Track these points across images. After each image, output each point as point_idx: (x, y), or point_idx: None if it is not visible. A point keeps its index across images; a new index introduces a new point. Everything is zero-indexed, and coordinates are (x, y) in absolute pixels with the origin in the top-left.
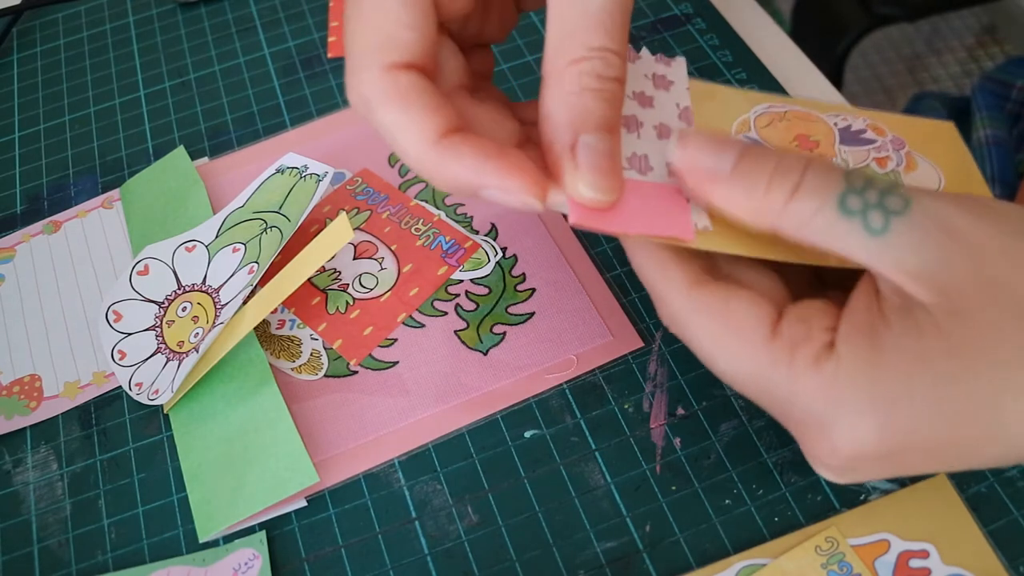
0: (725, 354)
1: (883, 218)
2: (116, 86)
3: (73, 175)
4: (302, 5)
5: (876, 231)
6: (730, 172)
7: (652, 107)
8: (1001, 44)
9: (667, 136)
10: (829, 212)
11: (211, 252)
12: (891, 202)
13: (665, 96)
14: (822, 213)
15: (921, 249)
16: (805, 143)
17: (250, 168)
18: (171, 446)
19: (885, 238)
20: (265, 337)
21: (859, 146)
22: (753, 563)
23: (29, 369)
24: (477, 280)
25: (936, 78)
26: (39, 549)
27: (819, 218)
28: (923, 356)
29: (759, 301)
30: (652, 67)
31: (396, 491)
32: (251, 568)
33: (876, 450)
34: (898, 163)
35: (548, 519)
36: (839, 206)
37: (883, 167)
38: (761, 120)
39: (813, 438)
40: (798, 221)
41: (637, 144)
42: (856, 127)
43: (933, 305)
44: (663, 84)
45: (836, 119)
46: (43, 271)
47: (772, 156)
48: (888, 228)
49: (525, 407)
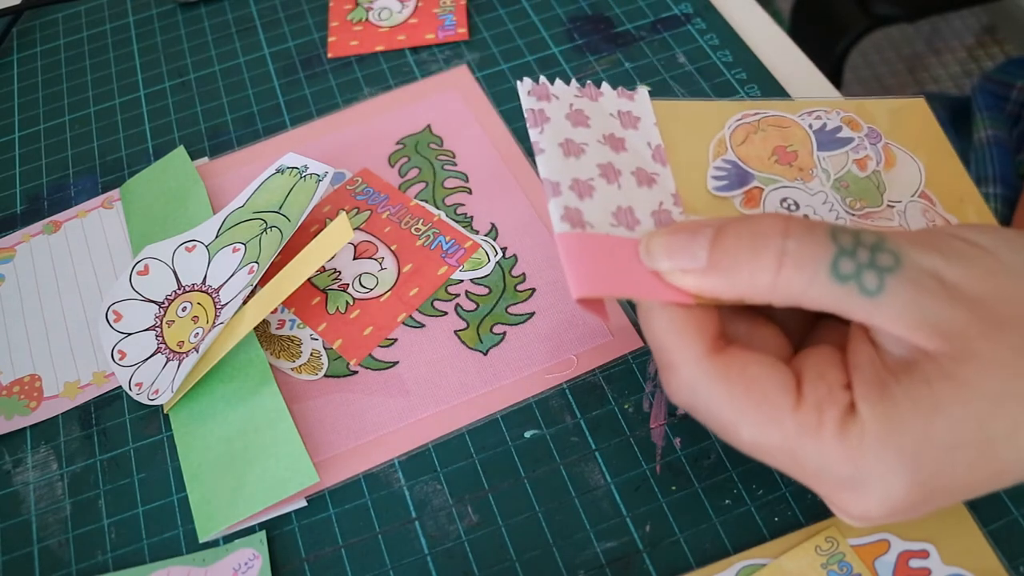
0: (751, 426)
1: (877, 278)
2: (116, 86)
3: (73, 175)
4: (302, 5)
5: (872, 292)
6: (705, 266)
7: (625, 150)
8: (1001, 44)
9: (647, 183)
10: (823, 280)
11: (211, 252)
12: (882, 260)
13: (635, 135)
14: (815, 285)
15: (919, 302)
16: (784, 155)
17: (250, 168)
18: (171, 446)
19: (882, 298)
20: (265, 337)
21: (837, 149)
22: (753, 563)
23: (29, 369)
24: (477, 280)
25: (936, 78)
26: (39, 549)
27: (813, 289)
28: (936, 404)
29: (778, 366)
30: (616, 103)
31: (396, 491)
32: (251, 568)
33: (907, 503)
34: (878, 161)
35: (548, 519)
36: (832, 273)
37: (863, 170)
38: (736, 136)
39: (846, 500)
40: (789, 294)
41: (619, 196)
42: (831, 125)
43: (939, 353)
44: (630, 122)
45: (810, 119)
46: (43, 271)
47: (744, 235)
48: (883, 287)
49: (525, 407)
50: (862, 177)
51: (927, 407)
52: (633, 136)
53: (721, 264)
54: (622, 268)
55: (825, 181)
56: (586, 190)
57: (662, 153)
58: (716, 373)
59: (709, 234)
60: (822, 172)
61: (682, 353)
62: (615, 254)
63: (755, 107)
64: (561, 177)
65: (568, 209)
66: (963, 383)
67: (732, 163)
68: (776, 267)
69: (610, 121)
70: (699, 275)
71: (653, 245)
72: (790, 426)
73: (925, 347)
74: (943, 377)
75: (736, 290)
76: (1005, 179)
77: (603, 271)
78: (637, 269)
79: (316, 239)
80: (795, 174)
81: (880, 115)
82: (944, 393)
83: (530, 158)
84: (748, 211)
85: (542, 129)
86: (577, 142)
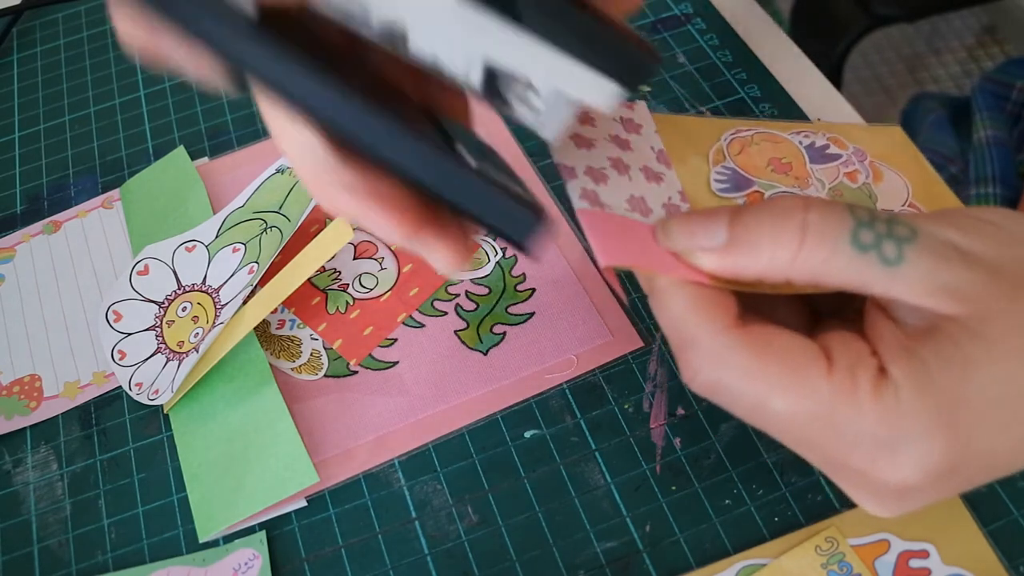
0: (783, 394)
1: (896, 247)
2: (116, 86)
3: (73, 175)
4: None
5: (892, 261)
6: (726, 244)
7: (631, 150)
8: (1001, 44)
9: (655, 180)
10: (844, 251)
11: (211, 252)
12: (899, 231)
13: (638, 139)
14: (837, 254)
15: (939, 269)
16: (779, 166)
17: (250, 168)
18: (171, 446)
19: (902, 267)
20: (265, 337)
21: (828, 163)
22: (753, 563)
23: (29, 369)
24: (477, 280)
25: (936, 78)
26: (39, 549)
27: (835, 260)
28: (966, 361)
29: (802, 337)
30: (618, 111)
31: (396, 491)
32: (251, 568)
33: (946, 464)
34: (866, 176)
35: (548, 519)
36: (852, 243)
37: (854, 181)
38: (733, 147)
39: (882, 468)
40: (812, 267)
41: (631, 186)
42: (819, 144)
43: (964, 316)
44: (633, 128)
45: (798, 137)
46: (43, 271)
47: (765, 212)
48: (902, 256)
49: (525, 407)
50: (854, 188)
51: (958, 365)
52: (637, 139)
53: (742, 240)
54: (642, 246)
55: (821, 189)
56: (600, 176)
57: (665, 156)
58: (742, 342)
59: (728, 212)
60: (817, 181)
61: (704, 327)
62: (634, 233)
63: (747, 124)
64: (576, 163)
65: (585, 190)
66: (992, 341)
67: (731, 169)
68: (799, 240)
69: (614, 124)
70: (720, 254)
71: (671, 225)
72: (825, 391)
73: (947, 312)
74: (971, 337)
75: (757, 266)
76: (1005, 179)
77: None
78: (655, 249)
79: (316, 239)
80: (792, 182)
81: (861, 138)
82: (974, 351)
83: (530, 158)
84: None
85: None
86: (587, 137)
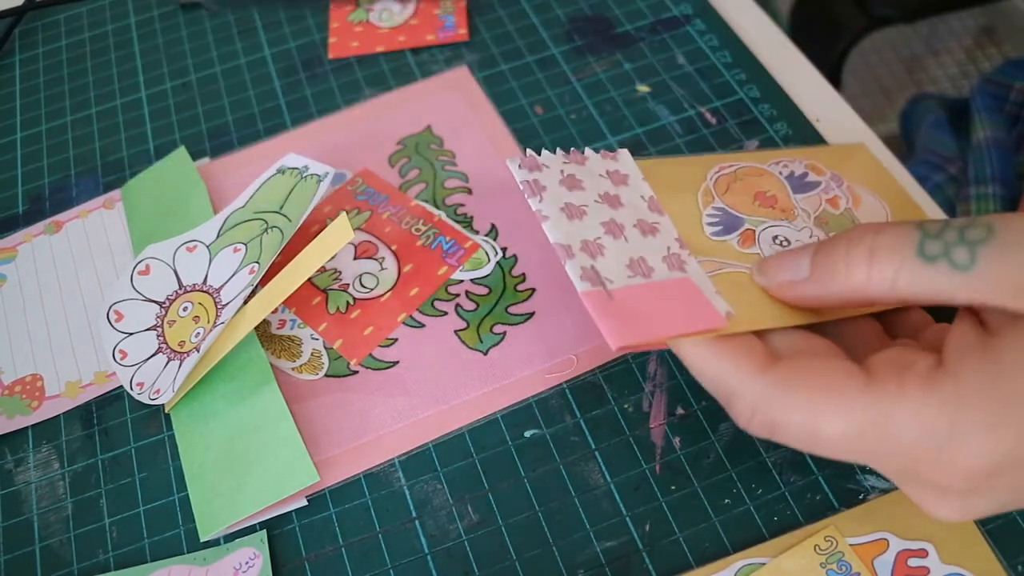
0: (828, 417)
1: (968, 252)
2: (118, 87)
3: (75, 175)
4: (303, 6)
5: (964, 266)
6: (809, 274)
7: (623, 205)
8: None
9: (650, 232)
10: (911, 265)
11: (212, 252)
12: (972, 234)
13: (627, 191)
14: (905, 268)
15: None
16: (765, 200)
17: (251, 169)
18: (172, 445)
19: (975, 271)
20: (266, 337)
21: (809, 192)
22: (752, 562)
23: (31, 369)
24: (477, 280)
25: (934, 79)
26: (40, 548)
27: (903, 274)
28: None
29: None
30: (602, 164)
31: (396, 491)
32: (252, 567)
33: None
34: (847, 201)
35: (548, 519)
36: (919, 255)
37: (836, 208)
38: (719, 186)
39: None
40: (885, 285)
41: (628, 248)
42: (798, 172)
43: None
44: (620, 179)
45: (778, 167)
46: (45, 271)
47: (840, 242)
48: (976, 259)
49: (525, 407)
50: (837, 214)
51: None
52: (626, 191)
53: (821, 269)
54: (649, 313)
55: (807, 219)
56: (596, 249)
57: (656, 203)
58: (777, 381)
59: (812, 247)
60: (802, 212)
61: (738, 376)
62: (640, 302)
63: (728, 160)
64: (571, 240)
65: (585, 269)
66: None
67: (721, 209)
68: (868, 261)
69: (601, 181)
70: (805, 285)
71: (766, 265)
72: (867, 402)
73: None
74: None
75: (837, 291)
76: (1004, 180)
77: (632, 319)
78: (663, 310)
79: (316, 239)
80: (779, 215)
81: (833, 162)
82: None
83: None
84: (746, 251)
85: (541, 197)
86: (577, 204)
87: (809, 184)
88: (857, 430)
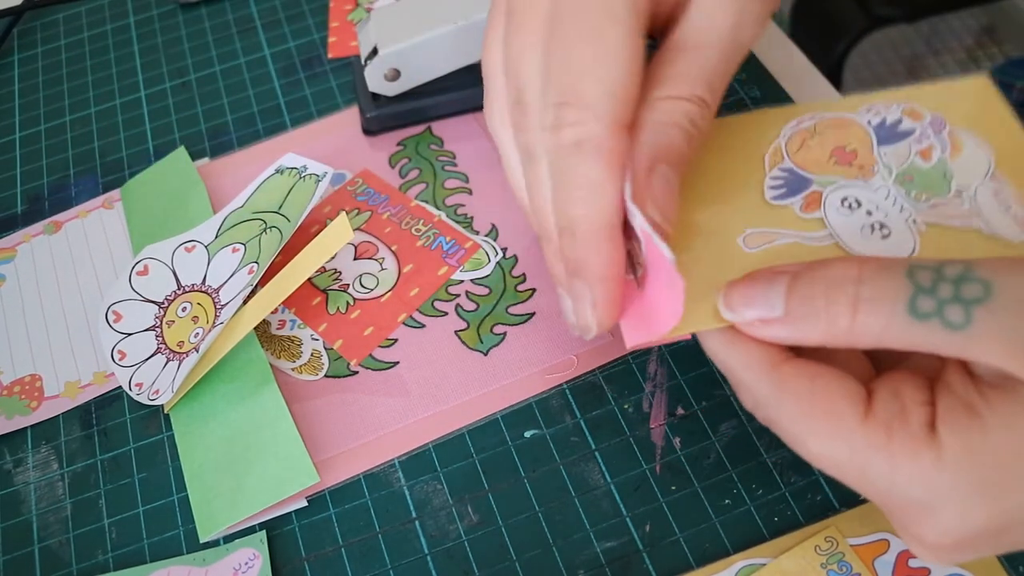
0: (817, 437)
1: (963, 311)
2: (117, 86)
3: (74, 175)
4: (302, 5)
5: (957, 326)
6: (783, 316)
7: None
8: (1000, 45)
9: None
10: (901, 321)
11: (211, 252)
12: (968, 292)
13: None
14: (893, 325)
15: (1014, 329)
16: (843, 156)
17: (250, 169)
18: (171, 446)
19: (969, 331)
20: (265, 337)
21: (898, 142)
22: (753, 563)
23: (30, 369)
24: (477, 280)
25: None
26: (40, 549)
27: (891, 331)
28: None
29: (847, 378)
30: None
31: (396, 491)
32: (251, 568)
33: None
34: (942, 150)
35: (548, 519)
36: (909, 312)
37: (928, 159)
38: (792, 144)
39: (918, 524)
40: (869, 337)
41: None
42: (891, 119)
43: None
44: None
45: (868, 115)
46: (44, 271)
47: (818, 282)
48: (971, 319)
49: (525, 407)
50: (927, 168)
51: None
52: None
53: (797, 313)
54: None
55: (887, 176)
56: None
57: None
58: (781, 385)
59: (785, 282)
60: (884, 168)
61: (746, 371)
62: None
63: (810, 110)
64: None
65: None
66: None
67: (788, 170)
68: (851, 313)
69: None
70: (778, 325)
71: (732, 296)
72: (858, 439)
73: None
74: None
75: (815, 337)
76: None
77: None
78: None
79: (316, 239)
80: (855, 173)
81: (942, 100)
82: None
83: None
84: (808, 215)
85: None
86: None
87: (900, 133)
88: (839, 460)
